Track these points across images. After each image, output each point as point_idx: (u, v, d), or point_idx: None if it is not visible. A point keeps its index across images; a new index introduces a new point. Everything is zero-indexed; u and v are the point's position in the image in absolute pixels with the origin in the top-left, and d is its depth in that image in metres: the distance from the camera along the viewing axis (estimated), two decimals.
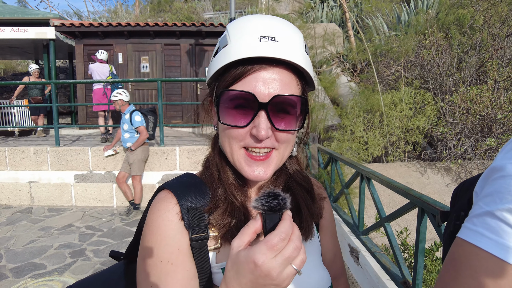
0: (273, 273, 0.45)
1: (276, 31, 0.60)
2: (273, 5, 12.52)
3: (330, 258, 0.82)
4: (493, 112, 5.74)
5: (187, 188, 0.66)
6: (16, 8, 10.27)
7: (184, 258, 0.61)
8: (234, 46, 0.60)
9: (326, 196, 0.83)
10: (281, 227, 0.47)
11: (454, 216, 0.77)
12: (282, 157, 0.66)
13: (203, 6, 16.48)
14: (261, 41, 0.58)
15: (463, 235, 0.51)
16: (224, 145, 0.65)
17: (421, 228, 2.02)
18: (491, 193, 0.50)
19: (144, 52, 9.39)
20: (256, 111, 0.59)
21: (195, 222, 0.63)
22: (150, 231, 0.63)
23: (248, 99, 0.59)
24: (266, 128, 0.59)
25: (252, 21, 0.62)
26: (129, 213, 5.43)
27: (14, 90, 10.87)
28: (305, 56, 0.63)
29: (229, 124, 0.61)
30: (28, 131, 9.39)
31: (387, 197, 5.15)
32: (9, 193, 6.02)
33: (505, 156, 0.52)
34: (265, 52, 0.58)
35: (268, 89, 0.59)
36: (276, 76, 0.60)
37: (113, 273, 0.82)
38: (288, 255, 0.46)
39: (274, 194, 0.49)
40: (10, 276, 3.59)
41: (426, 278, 2.70)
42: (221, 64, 0.60)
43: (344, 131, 6.19)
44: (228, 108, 0.61)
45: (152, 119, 5.55)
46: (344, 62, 9.23)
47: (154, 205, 0.65)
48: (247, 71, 0.59)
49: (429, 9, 9.16)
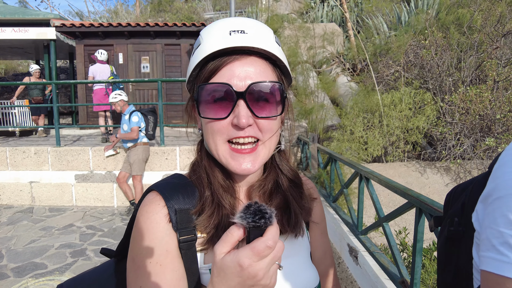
0: (260, 273, 0.47)
1: (245, 25, 0.63)
2: (273, 5, 12.53)
3: (320, 256, 0.83)
4: (492, 112, 5.74)
5: (175, 190, 0.66)
6: (16, 8, 10.29)
7: (173, 259, 0.62)
8: (206, 44, 0.62)
9: (317, 197, 0.83)
10: (269, 234, 0.47)
11: (448, 221, 0.77)
12: (269, 149, 0.67)
13: (204, 6, 16.48)
14: (231, 35, 0.61)
15: (495, 269, 0.48)
16: (209, 142, 0.65)
17: (419, 228, 2.03)
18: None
19: (144, 52, 9.40)
20: (235, 101, 0.60)
21: (183, 224, 0.63)
22: (139, 233, 0.63)
23: (226, 90, 0.61)
24: (246, 116, 0.60)
25: (222, 21, 0.65)
26: (129, 213, 5.45)
27: (15, 90, 10.88)
28: (276, 46, 0.65)
29: (210, 117, 0.62)
30: (29, 131, 9.41)
31: (386, 197, 5.17)
32: (10, 193, 6.04)
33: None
34: (235, 43, 0.60)
35: (243, 79, 0.61)
36: (250, 65, 0.62)
37: (104, 271, 0.83)
38: (274, 256, 0.48)
39: (260, 212, 0.48)
40: (11, 276, 3.61)
41: (424, 277, 2.72)
42: (196, 62, 0.62)
43: (344, 131, 6.20)
44: (207, 103, 0.62)
45: (152, 119, 5.57)
46: (344, 62, 9.24)
47: (143, 207, 0.66)
48: (221, 64, 0.61)
49: (429, 9, 9.16)
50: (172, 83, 9.35)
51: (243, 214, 0.48)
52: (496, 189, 0.52)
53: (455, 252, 0.74)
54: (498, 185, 0.52)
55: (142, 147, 5.36)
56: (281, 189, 0.72)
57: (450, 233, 0.74)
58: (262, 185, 0.72)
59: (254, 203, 0.49)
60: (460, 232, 0.72)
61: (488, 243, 0.50)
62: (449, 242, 0.76)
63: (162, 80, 6.30)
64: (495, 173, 0.55)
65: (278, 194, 0.72)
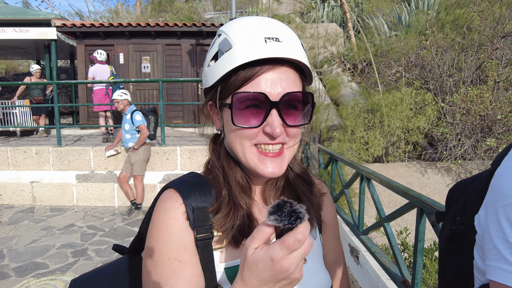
0: (292, 267, 0.48)
1: (278, 32, 0.62)
2: (274, 5, 12.53)
3: (332, 259, 0.83)
4: (493, 112, 5.75)
5: (192, 188, 0.67)
6: (18, 8, 10.31)
7: (191, 256, 0.63)
8: (240, 49, 0.60)
9: (327, 192, 0.84)
10: (299, 229, 0.48)
11: (450, 220, 0.77)
12: (293, 151, 0.68)
13: (204, 6, 16.49)
14: (266, 43, 0.60)
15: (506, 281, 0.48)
16: (235, 145, 0.66)
17: (420, 228, 2.04)
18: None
19: (145, 52, 9.41)
20: (268, 110, 0.61)
21: (200, 222, 0.64)
22: (157, 229, 0.64)
23: (260, 99, 0.61)
24: (280, 126, 0.61)
25: (252, 23, 0.63)
26: (130, 213, 5.45)
27: (15, 90, 10.90)
28: (304, 54, 0.66)
29: (243, 126, 0.62)
30: (29, 131, 9.42)
31: (387, 197, 5.17)
32: (11, 193, 6.05)
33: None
34: (273, 53, 0.59)
35: (277, 88, 0.61)
36: (283, 75, 0.62)
37: (118, 267, 0.83)
38: (304, 251, 0.49)
39: (295, 213, 0.48)
40: (13, 276, 3.62)
41: (425, 277, 2.72)
42: (228, 68, 0.61)
43: (345, 131, 6.21)
44: (240, 110, 0.62)
45: (153, 119, 5.57)
46: (345, 62, 9.25)
47: (161, 203, 0.66)
48: (256, 73, 0.61)
49: (430, 10, 9.16)
50: (172, 83, 9.35)
51: (278, 217, 0.48)
52: (501, 196, 0.52)
53: (456, 250, 0.75)
54: (503, 192, 0.52)
55: (143, 147, 5.36)
56: (292, 185, 0.74)
57: (451, 232, 0.75)
58: (275, 183, 0.74)
59: (283, 202, 0.49)
60: (461, 231, 0.73)
61: (497, 253, 0.50)
62: (451, 240, 0.76)
63: (163, 80, 6.31)
64: (498, 179, 0.55)
65: (290, 191, 0.74)
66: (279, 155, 0.64)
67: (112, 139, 7.08)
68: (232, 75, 0.62)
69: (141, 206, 5.52)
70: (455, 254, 0.75)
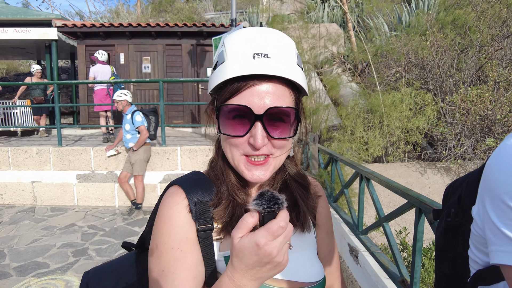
0: (274, 251, 0.53)
1: (268, 48, 0.65)
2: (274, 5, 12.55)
3: (325, 253, 0.88)
4: (493, 112, 5.76)
5: (195, 185, 0.73)
6: (18, 9, 10.33)
7: (192, 246, 0.68)
8: (230, 64, 0.65)
9: (322, 195, 0.88)
10: (281, 216, 0.53)
11: (445, 213, 0.81)
12: (280, 161, 0.72)
13: (204, 6, 16.51)
14: (254, 59, 0.63)
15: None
16: (226, 150, 0.72)
17: (418, 227, 2.05)
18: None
19: (145, 53, 9.43)
20: (252, 122, 0.65)
21: (201, 215, 0.70)
22: (162, 221, 0.70)
23: (245, 111, 0.65)
24: (262, 138, 0.65)
25: (246, 37, 0.66)
26: (131, 213, 5.47)
27: (16, 90, 10.94)
28: (296, 68, 0.68)
29: (228, 134, 0.68)
30: (30, 131, 9.44)
31: (387, 197, 5.18)
32: (12, 193, 6.07)
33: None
34: (258, 70, 0.63)
35: (262, 102, 0.64)
36: (269, 89, 0.65)
37: (125, 261, 0.90)
38: (285, 236, 0.54)
39: (274, 199, 0.53)
40: (14, 275, 3.63)
41: (424, 276, 2.74)
42: (219, 81, 0.66)
43: (345, 131, 6.22)
44: (227, 119, 0.67)
45: (153, 120, 5.59)
46: (345, 62, 9.26)
47: (166, 198, 0.72)
48: (242, 87, 0.65)
49: (430, 10, 9.17)
50: (173, 84, 9.37)
51: (258, 201, 0.54)
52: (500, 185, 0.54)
53: (452, 241, 0.78)
54: (499, 181, 0.54)
55: (144, 147, 5.38)
56: (289, 188, 0.78)
57: (447, 223, 0.78)
58: (271, 184, 0.78)
59: (266, 191, 0.55)
60: (456, 223, 0.76)
61: (504, 238, 0.52)
62: (447, 232, 0.79)
63: (164, 80, 6.32)
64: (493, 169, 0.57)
65: (287, 193, 0.77)
66: (264, 163, 0.69)
67: (112, 139, 7.10)
68: (224, 86, 0.67)
69: (141, 206, 5.54)
70: (451, 246, 0.78)
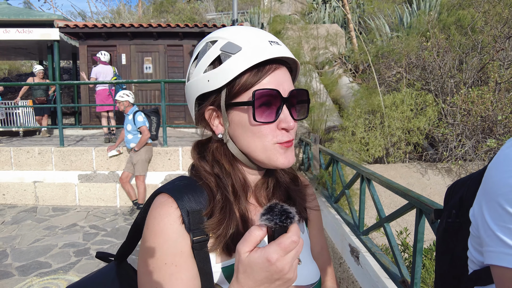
0: (286, 267, 0.50)
1: (275, 37, 0.69)
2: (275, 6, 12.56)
3: (318, 251, 0.87)
4: (494, 113, 5.75)
5: (185, 192, 0.68)
6: (21, 9, 10.37)
7: (187, 260, 0.64)
8: (251, 50, 0.64)
9: (309, 184, 0.88)
10: (292, 230, 0.50)
11: (446, 213, 0.82)
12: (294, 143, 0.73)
13: (206, 7, 16.53)
14: (272, 45, 0.66)
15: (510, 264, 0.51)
16: (253, 144, 0.67)
17: (419, 228, 2.05)
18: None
19: (147, 53, 9.46)
20: (279, 107, 0.66)
21: (195, 225, 0.65)
22: (153, 235, 0.64)
23: (274, 95, 0.65)
24: (292, 120, 0.67)
25: (251, 29, 0.69)
26: (132, 213, 5.49)
27: (18, 90, 10.96)
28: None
29: (264, 121, 0.65)
30: (32, 131, 9.48)
31: (388, 197, 5.18)
32: (14, 193, 6.10)
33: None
34: (281, 53, 0.66)
35: (285, 85, 0.67)
36: (286, 74, 0.68)
37: (106, 275, 0.83)
38: (297, 251, 0.52)
39: (285, 212, 0.50)
40: (16, 275, 3.65)
41: (424, 277, 2.74)
42: (245, 67, 0.63)
43: (346, 132, 6.21)
44: (256, 108, 0.64)
45: (155, 120, 5.61)
46: (346, 63, 9.26)
47: (155, 209, 0.66)
48: (266, 72, 0.65)
49: (431, 11, 9.17)
50: (174, 84, 9.39)
51: (269, 216, 0.50)
52: (496, 186, 0.55)
53: (452, 242, 0.79)
54: (496, 182, 0.55)
55: (145, 147, 5.40)
56: (281, 184, 0.78)
57: (448, 224, 0.79)
58: (265, 183, 0.77)
59: (275, 204, 0.52)
60: (457, 224, 0.77)
61: (496, 239, 0.53)
62: (447, 232, 0.80)
63: (165, 81, 6.34)
64: (491, 171, 0.58)
65: (281, 189, 0.78)
66: (291, 146, 0.69)
67: (114, 139, 7.12)
68: (241, 75, 0.64)
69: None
70: (451, 246, 0.79)
